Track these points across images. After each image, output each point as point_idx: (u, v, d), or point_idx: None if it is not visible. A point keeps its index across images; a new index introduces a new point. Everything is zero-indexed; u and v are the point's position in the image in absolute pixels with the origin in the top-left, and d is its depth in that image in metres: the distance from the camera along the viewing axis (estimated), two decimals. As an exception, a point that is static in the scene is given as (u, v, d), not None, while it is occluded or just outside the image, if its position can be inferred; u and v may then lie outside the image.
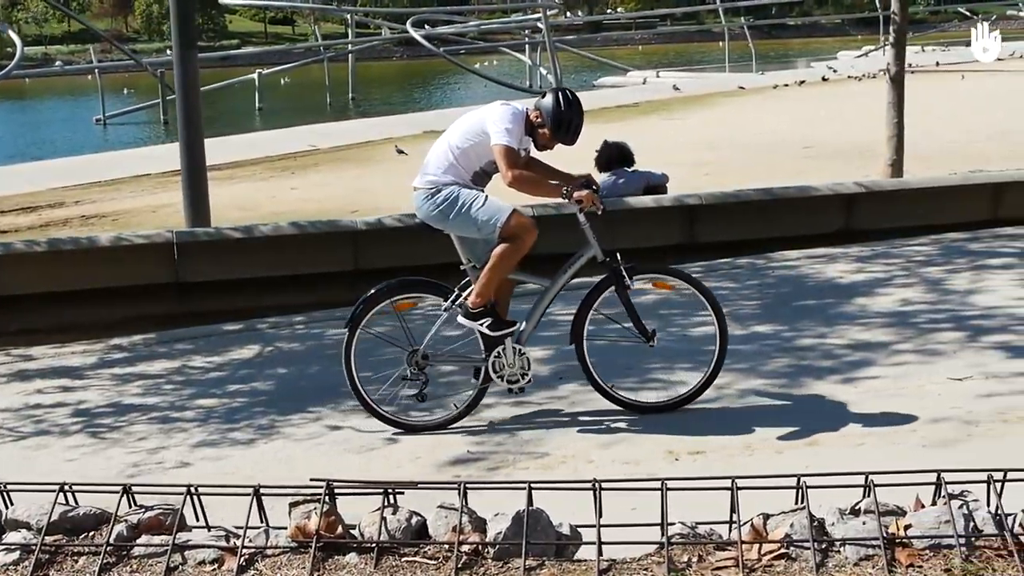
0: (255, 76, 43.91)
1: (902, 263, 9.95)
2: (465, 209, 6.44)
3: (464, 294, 6.58)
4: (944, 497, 3.14)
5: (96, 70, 44.25)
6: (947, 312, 8.36)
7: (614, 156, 11.78)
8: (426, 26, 49.35)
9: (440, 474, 5.94)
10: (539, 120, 6.54)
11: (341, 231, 11.23)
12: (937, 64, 43.29)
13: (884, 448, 5.95)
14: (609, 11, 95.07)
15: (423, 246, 11.48)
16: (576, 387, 7.03)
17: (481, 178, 6.64)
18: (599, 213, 6.53)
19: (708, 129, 24.28)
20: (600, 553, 3.17)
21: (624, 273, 6.56)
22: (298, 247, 11.01)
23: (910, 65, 41.27)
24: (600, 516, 3.27)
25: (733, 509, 3.24)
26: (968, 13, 58.84)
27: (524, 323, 6.67)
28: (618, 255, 6.59)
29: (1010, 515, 3.13)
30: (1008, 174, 13.41)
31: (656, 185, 11.91)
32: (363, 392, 6.65)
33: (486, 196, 6.52)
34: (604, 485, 3.30)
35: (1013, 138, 21.18)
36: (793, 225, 11.91)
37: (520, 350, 6.62)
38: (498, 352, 6.59)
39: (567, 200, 6.53)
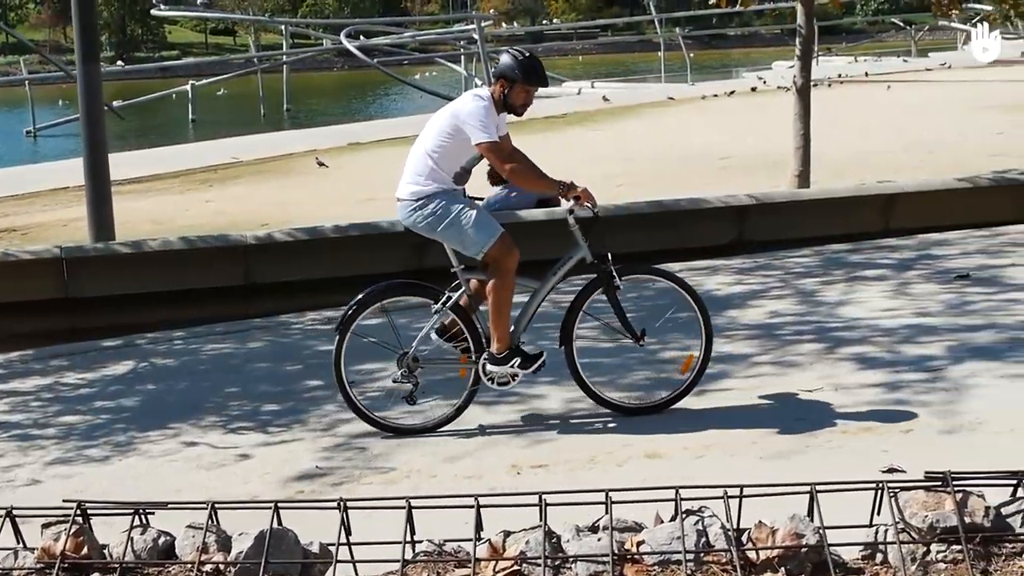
0: (188, 87, 43.68)
1: (780, 275, 10.05)
2: (455, 225, 6.50)
3: (455, 296, 6.65)
4: (683, 514, 3.19)
5: (26, 81, 43.86)
6: (812, 324, 8.46)
7: (507, 170, 11.79)
8: (361, 37, 49.28)
9: (284, 490, 5.95)
10: (506, 87, 6.54)
11: (231, 246, 11.23)
12: (866, 74, 43.70)
13: (722, 460, 6.02)
14: (547, 22, 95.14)
15: (317, 260, 11.64)
16: (435, 402, 7.03)
17: (462, 177, 6.66)
18: (595, 214, 6.67)
19: (629, 140, 24.42)
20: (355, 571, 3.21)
21: (613, 274, 6.64)
22: (188, 262, 11.00)
23: (840, 75, 41.87)
24: (349, 534, 3.30)
25: (479, 527, 3.29)
26: (902, 24, 59.39)
27: (513, 326, 6.72)
28: (608, 256, 6.66)
29: (745, 530, 3.19)
30: (899, 185, 13.59)
31: (550, 198, 11.95)
32: (352, 396, 6.69)
33: (476, 211, 6.56)
34: (350, 504, 3.33)
35: (926, 148, 21.44)
36: (686, 237, 12.02)
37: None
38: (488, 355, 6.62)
39: (563, 197, 6.68)
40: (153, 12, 55.08)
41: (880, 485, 3.28)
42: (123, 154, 29.23)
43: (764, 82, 39.81)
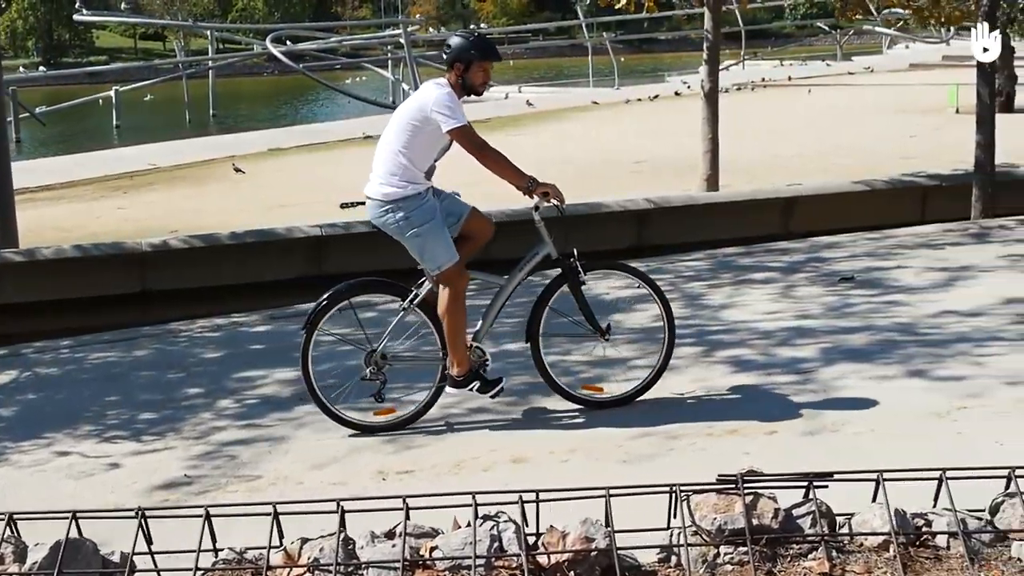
0: (112, 93, 43.31)
1: (671, 279, 10.10)
2: (420, 237, 6.54)
3: (421, 292, 6.73)
4: (480, 519, 3.21)
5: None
6: (693, 327, 8.52)
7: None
8: (288, 42, 49.05)
9: (149, 498, 5.91)
10: (461, 70, 6.56)
11: (126, 253, 11.14)
12: (789, 78, 44.06)
13: (587, 464, 6.06)
14: (474, 26, 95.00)
15: (214, 267, 11.60)
16: (310, 409, 7.02)
17: (431, 173, 6.68)
18: (561, 212, 6.75)
19: (549, 145, 24.47)
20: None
21: (578, 269, 6.75)
22: (82, 270, 10.91)
23: (763, 79, 42.18)
24: (150, 542, 3.30)
25: (282, 535, 3.29)
26: (827, 28, 59.91)
27: (480, 321, 6.85)
28: (575, 252, 6.76)
29: (541, 534, 3.22)
30: (798, 188, 13.71)
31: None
32: (319, 394, 6.71)
33: (440, 229, 6.58)
34: (153, 513, 3.32)
35: (840, 151, 21.65)
36: (587, 241, 12.01)
37: (476, 347, 6.78)
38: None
39: (529, 194, 6.67)
40: (76, 18, 54.54)
41: (673, 488, 3.31)
42: (41, 160, 29.05)
43: (688, 86, 39.97)
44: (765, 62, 56.60)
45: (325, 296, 6.69)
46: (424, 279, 6.77)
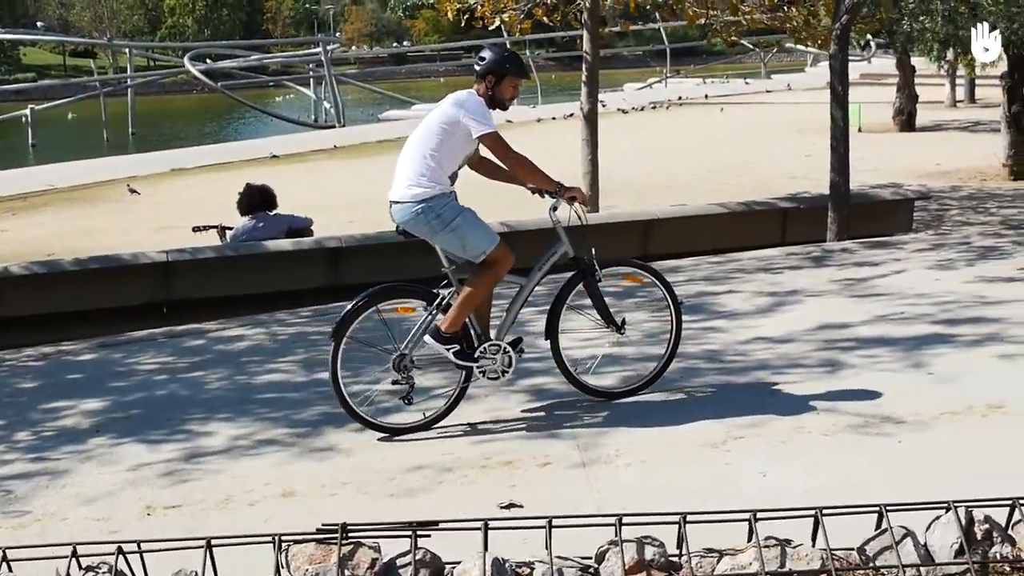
0: (27, 112, 42.95)
1: (504, 303, 10.04)
2: (457, 230, 6.73)
3: (447, 295, 6.89)
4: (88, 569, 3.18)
5: None
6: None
7: (255, 200, 11.79)
8: (208, 60, 48.85)
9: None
10: (493, 83, 6.78)
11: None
12: (706, 96, 44.34)
13: (356, 498, 6.02)
14: (397, 44, 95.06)
15: (72, 291, 11.46)
16: (103, 440, 6.99)
17: (454, 179, 6.86)
18: (580, 218, 6.99)
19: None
20: None
21: (595, 267, 6.99)
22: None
23: (679, 98, 42.43)
24: None
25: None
26: (751, 46, 60.31)
27: (502, 318, 7.06)
28: (592, 250, 6.99)
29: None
30: (655, 211, 13.77)
31: (299, 229, 11.96)
32: (348, 399, 6.84)
33: (474, 217, 6.81)
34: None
35: (733, 171, 21.80)
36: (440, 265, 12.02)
37: (502, 347, 6.93)
38: (479, 353, 6.87)
39: (557, 196, 6.92)
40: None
41: (275, 538, 3.29)
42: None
43: (603, 104, 40.09)
44: (688, 80, 56.93)
45: (352, 303, 6.83)
46: (446, 282, 6.95)
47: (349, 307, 6.82)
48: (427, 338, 6.83)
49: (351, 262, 12.03)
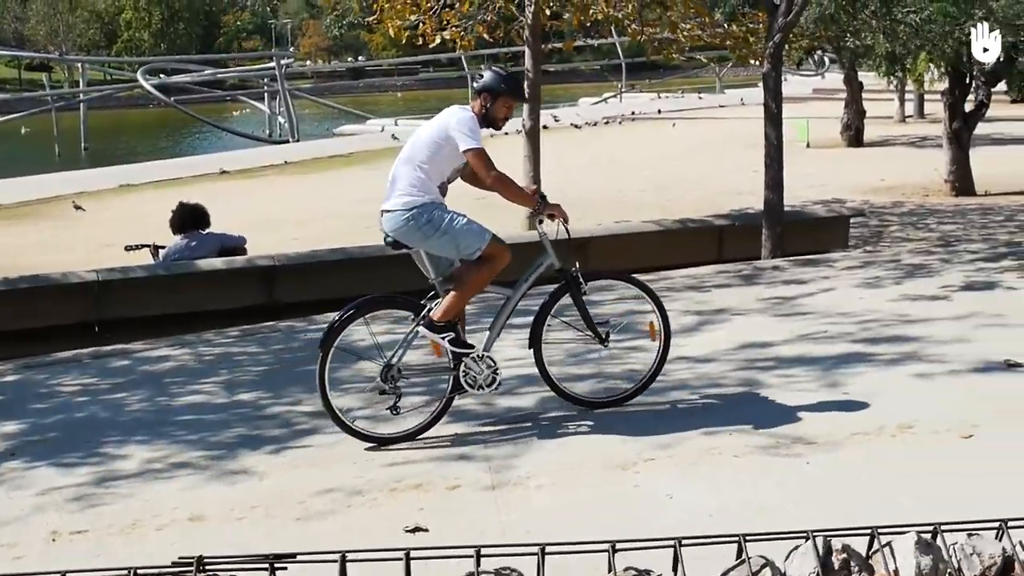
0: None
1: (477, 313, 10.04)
2: (450, 231, 6.79)
3: (433, 306, 6.96)
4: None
5: None
6: (425, 378, 8.46)
7: (187, 218, 11.76)
8: (161, 75, 48.69)
9: None
10: (488, 101, 6.93)
11: None
12: (659, 112, 44.51)
13: (263, 522, 5.99)
14: (353, 59, 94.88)
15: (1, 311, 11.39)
16: (14, 465, 6.94)
17: (445, 189, 7.01)
18: (567, 231, 7.07)
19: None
20: None
21: (580, 279, 7.10)
22: None
23: (633, 113, 42.55)
24: None
25: None
26: (705, 60, 60.57)
27: (489, 331, 7.16)
28: (577, 263, 7.14)
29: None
30: (592, 229, 13.80)
31: (232, 247, 11.93)
32: (335, 409, 6.93)
33: (466, 218, 6.86)
34: None
35: (680, 187, 21.88)
36: (377, 284, 12.00)
37: (487, 357, 7.02)
38: (466, 364, 6.97)
39: (539, 212, 7.06)
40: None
41: (130, 571, 3.26)
42: None
43: (556, 120, 40.27)
44: (643, 94, 57.14)
45: (340, 313, 6.91)
46: (434, 293, 7.02)
47: (336, 318, 6.91)
48: (421, 328, 6.94)
49: (285, 281, 12.01)
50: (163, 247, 11.96)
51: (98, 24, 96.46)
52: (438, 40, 15.85)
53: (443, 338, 6.92)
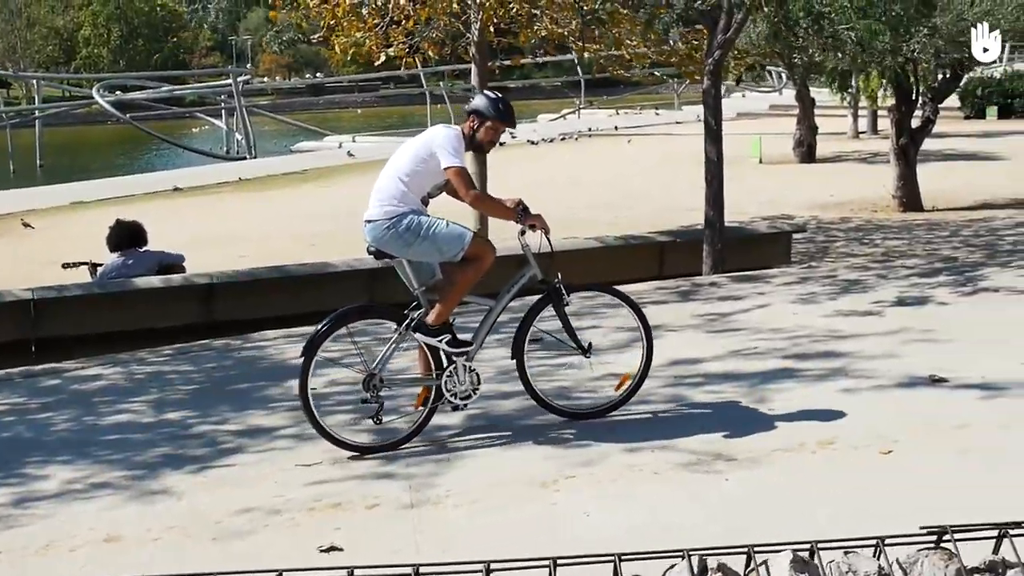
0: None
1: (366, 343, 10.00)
2: (430, 235, 6.86)
3: (418, 315, 7.03)
4: None
5: None
6: (352, 396, 8.44)
7: (124, 236, 11.71)
8: (118, 92, 48.47)
9: None
10: (476, 124, 7.08)
11: None
12: (616, 128, 44.63)
13: (178, 542, 5.95)
14: (311, 75, 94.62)
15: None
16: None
17: (427, 201, 7.08)
18: (550, 242, 7.23)
19: (345, 199, 24.40)
20: None
21: (562, 291, 7.21)
22: None
23: (589, 129, 42.60)
24: None
25: None
26: (665, 77, 60.81)
27: (471, 343, 7.16)
28: (559, 274, 7.25)
29: None
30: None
31: (171, 265, 11.88)
32: (318, 418, 6.96)
33: (446, 221, 6.97)
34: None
35: (630, 204, 21.93)
36: (314, 301, 11.99)
37: (471, 368, 7.11)
38: (450, 372, 7.06)
39: (520, 222, 7.13)
40: None
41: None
42: None
43: (514, 136, 40.26)
44: (601, 111, 57.25)
45: (323, 322, 6.94)
46: (416, 303, 7.08)
47: (320, 327, 6.93)
48: (417, 335, 7.01)
49: (224, 299, 11.96)
50: (101, 265, 11.89)
51: (57, 41, 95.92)
52: (383, 58, 15.80)
53: (440, 340, 7.01)
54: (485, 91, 7.32)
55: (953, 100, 43.32)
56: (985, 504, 5.66)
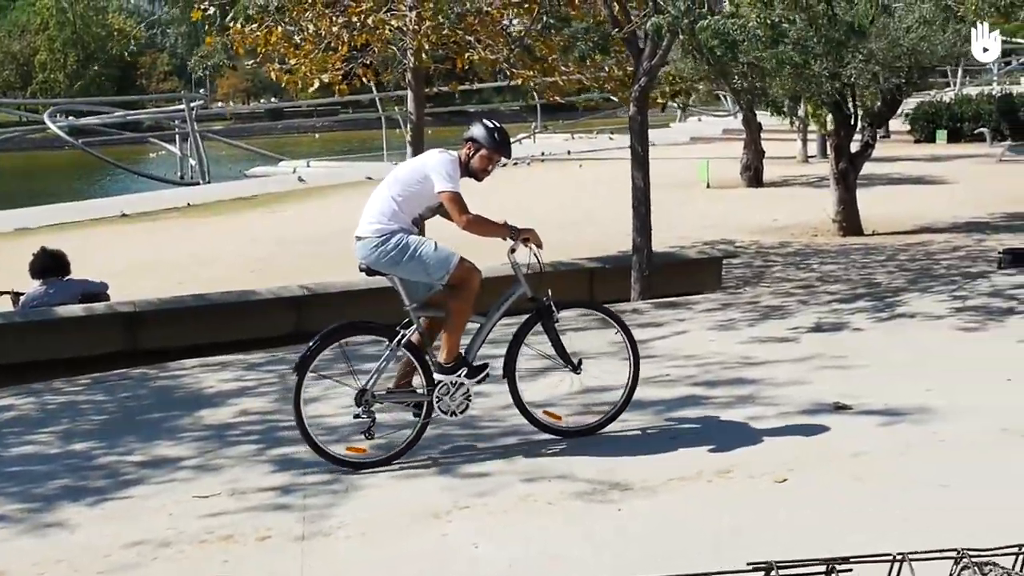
0: None
1: (283, 370, 10.00)
2: (417, 255, 6.97)
3: (408, 333, 7.15)
4: None
5: None
6: (267, 424, 8.45)
7: (48, 265, 11.65)
8: (69, 117, 48.24)
9: None
10: (472, 151, 7.21)
11: None
12: (568, 152, 44.73)
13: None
14: (266, 100, 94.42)
15: None
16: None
17: (419, 223, 7.24)
18: (539, 260, 7.38)
19: (293, 224, 24.41)
20: None
21: (552, 308, 7.32)
22: None
23: (542, 154, 42.70)
24: None
25: None
26: (619, 100, 60.87)
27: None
28: (549, 291, 7.34)
29: None
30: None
31: (95, 293, 11.83)
32: (311, 434, 7.07)
33: (434, 242, 7.08)
34: None
35: (577, 228, 22.01)
36: (239, 330, 11.97)
37: (460, 383, 7.18)
38: (443, 389, 7.15)
39: (514, 240, 7.27)
40: None
41: None
42: None
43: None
44: (556, 135, 57.36)
45: (316, 339, 7.03)
46: (408, 320, 7.17)
47: (312, 343, 7.01)
48: (437, 376, 7.14)
49: (147, 327, 11.90)
50: (23, 294, 11.82)
51: (13, 65, 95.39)
52: (316, 84, 15.79)
53: (459, 375, 7.16)
54: (484, 119, 7.35)
55: (903, 124, 43.78)
56: (876, 531, 5.72)
